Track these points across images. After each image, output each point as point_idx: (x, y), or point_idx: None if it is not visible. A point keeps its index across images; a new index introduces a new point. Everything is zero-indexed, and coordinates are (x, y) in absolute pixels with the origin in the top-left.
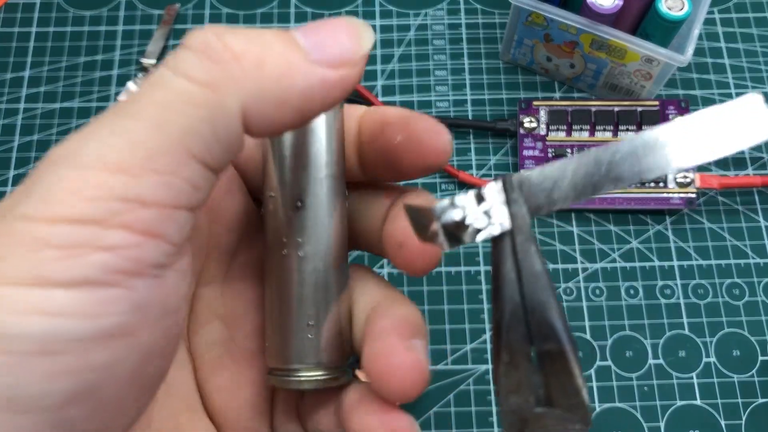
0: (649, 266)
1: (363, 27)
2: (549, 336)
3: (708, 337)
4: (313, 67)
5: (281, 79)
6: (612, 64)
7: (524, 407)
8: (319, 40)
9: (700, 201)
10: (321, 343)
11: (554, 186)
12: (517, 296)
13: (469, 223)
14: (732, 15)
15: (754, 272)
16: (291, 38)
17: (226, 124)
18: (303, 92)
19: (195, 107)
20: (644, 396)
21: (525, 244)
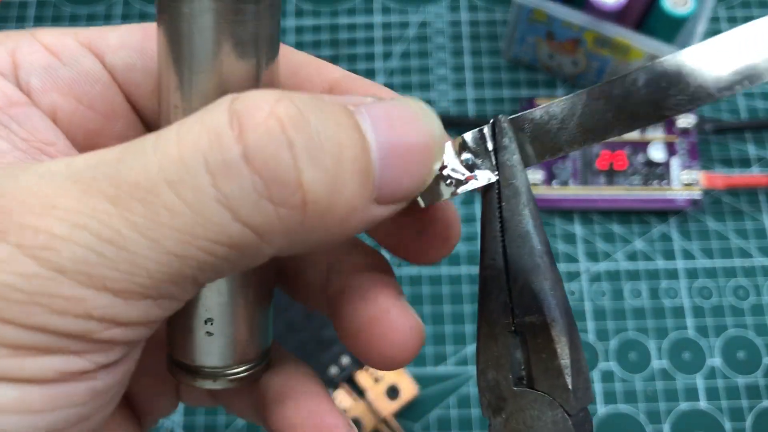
0: (652, 267)
1: (438, 147)
2: (532, 307)
3: (712, 339)
4: (373, 209)
5: (337, 227)
6: (615, 61)
7: (502, 385)
8: (396, 173)
9: (705, 201)
10: (225, 342)
11: (561, 126)
12: (500, 260)
13: (447, 174)
14: (737, 12)
15: (759, 273)
16: (367, 171)
17: (250, 264)
18: (346, 232)
19: (224, 248)
20: (648, 398)
21: (513, 200)
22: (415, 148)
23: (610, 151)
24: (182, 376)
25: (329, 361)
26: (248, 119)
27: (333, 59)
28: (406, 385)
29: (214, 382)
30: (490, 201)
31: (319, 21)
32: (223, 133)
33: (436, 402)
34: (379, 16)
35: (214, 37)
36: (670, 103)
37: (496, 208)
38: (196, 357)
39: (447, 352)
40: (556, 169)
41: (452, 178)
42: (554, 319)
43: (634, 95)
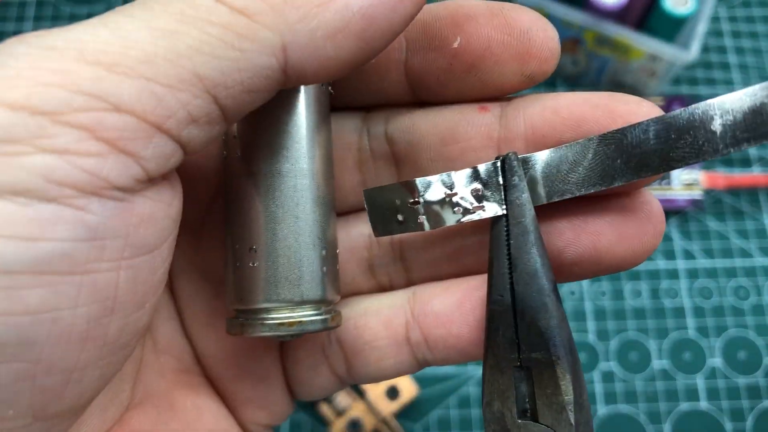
0: (653, 267)
1: None
2: (538, 344)
3: (713, 340)
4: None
5: (331, 1)
6: (616, 61)
7: (507, 417)
8: None
9: (705, 201)
10: (269, 274)
11: (571, 169)
12: (507, 296)
13: (456, 201)
14: (737, 12)
15: (760, 273)
16: None
17: (257, 58)
18: (362, 13)
19: (218, 27)
20: (648, 399)
21: (522, 238)
22: None
23: None
24: (232, 325)
25: None
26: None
27: None
28: (406, 385)
29: (270, 326)
30: (498, 235)
31: None
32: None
33: (436, 402)
34: None
35: None
36: (678, 155)
37: (504, 244)
38: (235, 296)
39: None
40: None
41: (460, 205)
42: (559, 357)
43: (643, 145)
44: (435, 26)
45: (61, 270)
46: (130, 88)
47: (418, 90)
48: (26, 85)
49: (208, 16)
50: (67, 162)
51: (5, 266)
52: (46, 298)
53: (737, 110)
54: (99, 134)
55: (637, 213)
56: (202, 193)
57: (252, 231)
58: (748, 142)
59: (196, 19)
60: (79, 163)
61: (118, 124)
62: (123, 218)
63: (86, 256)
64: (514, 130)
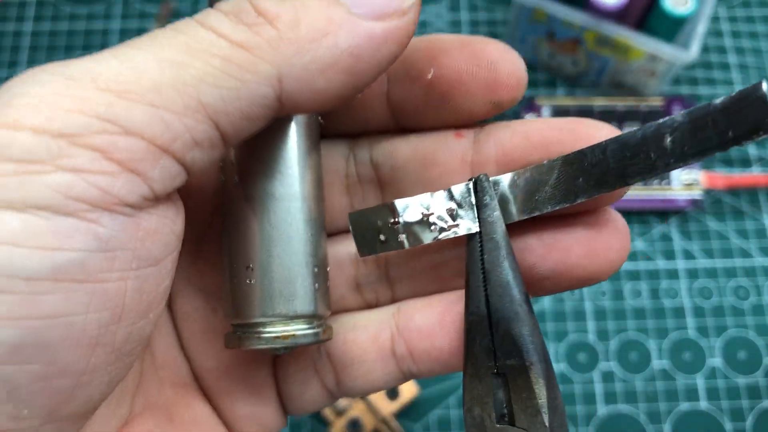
0: (653, 267)
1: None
2: (512, 351)
3: (713, 339)
4: (359, 22)
5: (323, 38)
6: (616, 61)
7: (486, 422)
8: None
9: (705, 201)
10: (265, 291)
11: (539, 188)
12: (483, 307)
13: (433, 221)
14: (737, 12)
15: (760, 273)
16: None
17: (255, 88)
18: (350, 52)
19: (221, 59)
20: (648, 399)
21: (494, 252)
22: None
23: None
24: (230, 339)
25: None
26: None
27: None
28: (406, 385)
29: (267, 339)
30: (472, 251)
31: None
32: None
33: (436, 402)
34: None
35: None
36: (633, 171)
37: (478, 259)
38: (233, 311)
39: None
40: None
41: (436, 224)
42: (532, 363)
43: (602, 163)
44: (412, 59)
45: (75, 278)
46: (140, 113)
47: (399, 118)
48: (48, 110)
49: (211, 49)
50: (82, 180)
51: (26, 273)
52: (61, 304)
53: (684, 129)
54: (111, 155)
55: (603, 230)
56: (201, 214)
57: (249, 250)
58: (694, 157)
59: (200, 51)
60: (93, 180)
61: (129, 146)
62: (131, 232)
63: (98, 266)
64: (486, 154)
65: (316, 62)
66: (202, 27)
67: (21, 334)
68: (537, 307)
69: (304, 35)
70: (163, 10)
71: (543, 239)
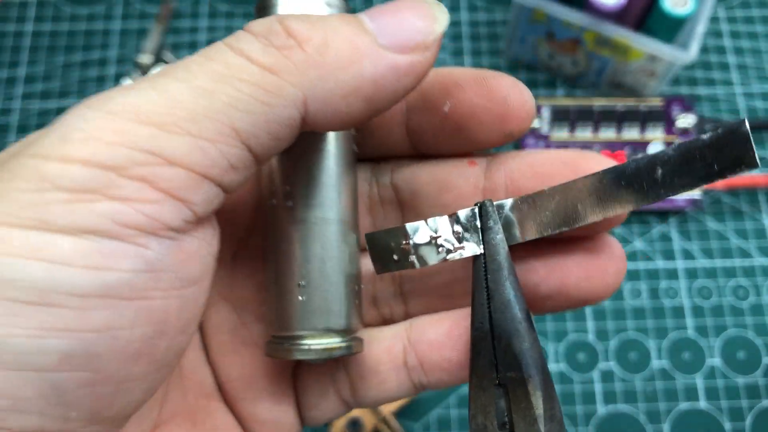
0: (652, 267)
1: (436, 6)
2: (513, 365)
3: (712, 339)
4: (383, 53)
5: (348, 65)
6: (615, 61)
7: (489, 429)
8: (389, 23)
9: (704, 201)
10: (313, 306)
11: (539, 214)
12: (486, 323)
13: (441, 243)
14: (737, 12)
15: (759, 273)
16: (358, 22)
17: (282, 111)
18: (373, 80)
19: (249, 85)
20: (648, 398)
21: (497, 273)
22: (407, 6)
23: (611, 152)
24: (271, 349)
25: None
26: (251, 23)
27: None
28: None
29: (301, 351)
30: (478, 271)
31: None
32: (235, 35)
33: (436, 401)
34: None
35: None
36: (626, 200)
37: (482, 279)
38: (282, 324)
39: None
40: None
41: (443, 246)
42: (531, 376)
43: (598, 192)
44: (430, 91)
45: (123, 296)
46: (179, 143)
47: (418, 145)
48: (95, 144)
49: (241, 75)
50: (130, 207)
51: (79, 290)
52: (109, 319)
53: (674, 161)
54: (157, 185)
55: (601, 254)
56: (235, 231)
57: (301, 269)
58: (683, 188)
59: (231, 78)
60: (141, 208)
61: (172, 175)
62: (175, 254)
63: (144, 285)
64: (496, 181)
65: (340, 87)
66: (232, 52)
67: (72, 345)
68: None
69: (330, 61)
70: (163, 11)
71: (545, 262)
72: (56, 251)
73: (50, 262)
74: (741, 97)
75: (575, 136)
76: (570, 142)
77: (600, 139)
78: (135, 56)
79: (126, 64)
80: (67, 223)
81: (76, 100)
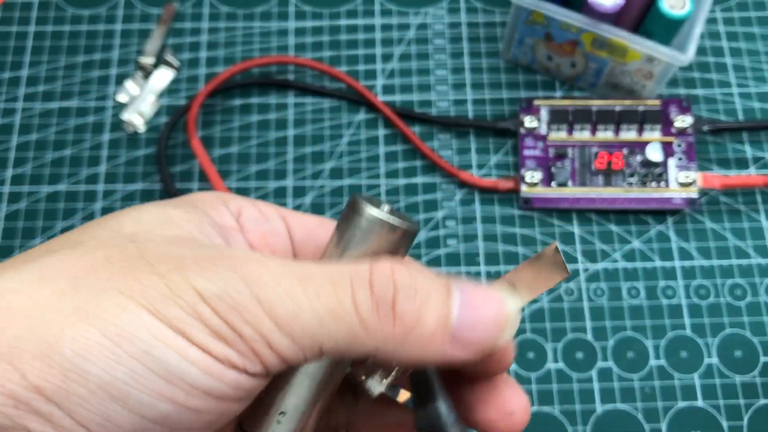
0: (650, 266)
1: (513, 320)
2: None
3: (710, 338)
4: (449, 346)
5: (422, 346)
6: (613, 63)
7: None
8: (472, 320)
9: (702, 201)
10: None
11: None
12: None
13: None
14: (734, 14)
15: (756, 272)
16: (448, 302)
17: (356, 352)
18: (427, 360)
19: (347, 327)
20: (646, 397)
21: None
22: (488, 312)
23: (608, 152)
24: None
25: None
26: (377, 268)
27: (333, 61)
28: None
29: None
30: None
31: (320, 23)
32: (363, 273)
33: None
34: (379, 18)
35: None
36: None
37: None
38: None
39: None
40: (554, 169)
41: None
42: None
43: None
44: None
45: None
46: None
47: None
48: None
49: (345, 317)
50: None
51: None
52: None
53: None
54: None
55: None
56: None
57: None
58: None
59: (339, 316)
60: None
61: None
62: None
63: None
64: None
65: (404, 353)
66: (350, 292)
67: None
68: (536, 307)
69: (410, 340)
70: (165, 13)
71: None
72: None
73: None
74: (738, 97)
75: (573, 137)
76: (568, 142)
77: (598, 139)
78: (137, 57)
79: (128, 66)
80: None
81: (78, 101)
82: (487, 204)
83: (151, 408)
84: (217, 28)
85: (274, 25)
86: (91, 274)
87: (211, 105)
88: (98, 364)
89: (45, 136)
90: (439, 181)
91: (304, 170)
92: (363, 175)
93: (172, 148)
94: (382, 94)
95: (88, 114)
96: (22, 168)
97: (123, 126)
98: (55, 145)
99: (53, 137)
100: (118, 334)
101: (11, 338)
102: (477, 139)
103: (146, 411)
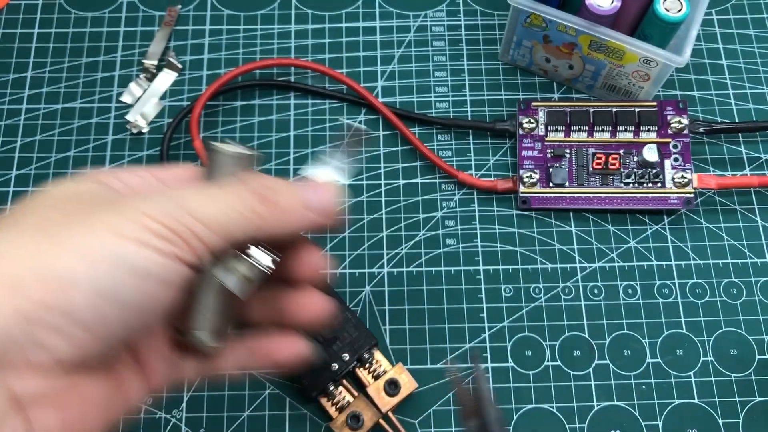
0: (647, 266)
1: (337, 190)
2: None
3: (706, 336)
4: (308, 213)
5: (289, 220)
6: (610, 65)
7: None
8: (314, 193)
9: (698, 201)
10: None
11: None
12: None
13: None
14: (730, 16)
15: (752, 272)
16: (296, 191)
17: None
18: (292, 227)
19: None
20: (642, 395)
21: None
22: (322, 187)
23: (605, 153)
24: (187, 339)
25: (331, 359)
26: (252, 180)
27: (334, 63)
28: (406, 380)
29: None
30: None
31: (321, 25)
32: (247, 184)
33: (436, 398)
34: (379, 20)
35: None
36: None
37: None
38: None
39: (446, 350)
40: (552, 170)
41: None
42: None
43: None
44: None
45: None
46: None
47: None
48: None
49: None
50: None
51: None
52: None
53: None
54: None
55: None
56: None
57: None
58: None
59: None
60: None
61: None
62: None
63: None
64: None
65: (282, 227)
66: (243, 196)
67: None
68: (534, 305)
69: (284, 217)
70: (168, 15)
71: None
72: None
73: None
74: (734, 98)
75: (571, 138)
76: (565, 143)
77: (595, 140)
78: (140, 59)
79: (131, 67)
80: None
81: (80, 102)
82: (485, 204)
83: (127, 298)
84: (219, 30)
85: (276, 27)
86: (61, 219)
87: (214, 106)
88: (86, 275)
89: (49, 138)
90: (438, 181)
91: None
92: (363, 175)
93: (175, 149)
94: (383, 95)
95: (91, 116)
96: (26, 169)
97: (126, 127)
98: (59, 146)
99: (57, 138)
100: (94, 251)
101: (9, 273)
102: (476, 140)
103: (126, 301)
